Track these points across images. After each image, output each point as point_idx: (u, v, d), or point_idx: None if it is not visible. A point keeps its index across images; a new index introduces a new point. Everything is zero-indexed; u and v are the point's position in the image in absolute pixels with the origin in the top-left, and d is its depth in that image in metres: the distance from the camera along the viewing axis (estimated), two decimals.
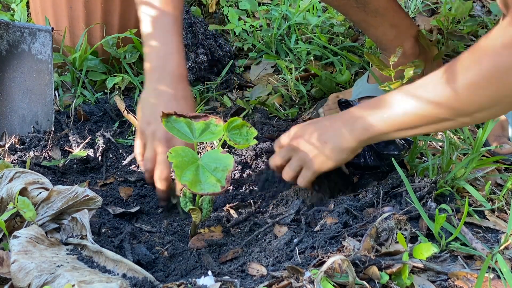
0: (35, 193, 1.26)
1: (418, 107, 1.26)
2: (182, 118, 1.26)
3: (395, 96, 1.31)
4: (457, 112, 1.23)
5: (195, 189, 1.16)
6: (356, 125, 1.35)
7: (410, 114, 1.28)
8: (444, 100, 1.22)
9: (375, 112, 1.32)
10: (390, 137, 1.36)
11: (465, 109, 1.22)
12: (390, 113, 1.30)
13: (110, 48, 2.05)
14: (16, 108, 1.74)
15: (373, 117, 1.32)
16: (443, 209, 1.38)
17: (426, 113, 1.25)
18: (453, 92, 1.20)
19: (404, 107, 1.28)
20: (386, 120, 1.30)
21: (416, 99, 1.26)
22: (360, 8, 1.79)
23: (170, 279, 1.23)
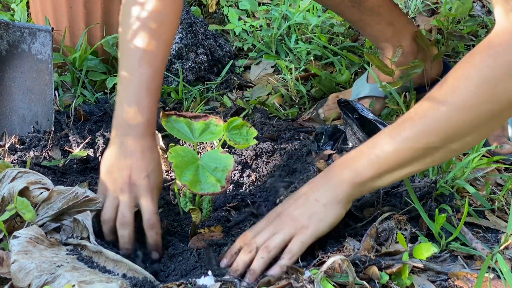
0: (36, 193, 1.26)
1: (408, 140, 1.18)
2: (182, 118, 1.26)
3: (380, 137, 1.22)
4: (448, 138, 1.16)
5: (195, 189, 1.17)
6: (343, 175, 1.24)
7: (401, 150, 1.19)
8: (434, 128, 1.15)
9: (361, 157, 1.23)
10: (384, 181, 1.23)
11: (456, 133, 1.15)
12: (378, 153, 1.21)
13: (110, 48, 2.05)
14: (16, 108, 1.74)
15: (362, 162, 1.22)
16: (443, 209, 1.38)
17: (417, 145, 1.17)
18: (442, 116, 1.14)
19: (392, 144, 1.19)
20: (375, 160, 1.21)
21: (405, 133, 1.18)
22: (355, 8, 1.79)
23: (170, 279, 1.23)
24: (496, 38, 1.11)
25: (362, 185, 1.24)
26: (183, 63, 2.05)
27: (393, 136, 1.20)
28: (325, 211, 1.24)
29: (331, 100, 1.93)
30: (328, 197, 1.24)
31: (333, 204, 1.24)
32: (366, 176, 1.22)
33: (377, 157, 1.21)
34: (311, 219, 1.23)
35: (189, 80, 2.06)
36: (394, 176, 1.23)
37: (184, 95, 1.97)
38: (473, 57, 1.13)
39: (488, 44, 1.12)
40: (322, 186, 1.26)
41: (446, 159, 1.29)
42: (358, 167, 1.23)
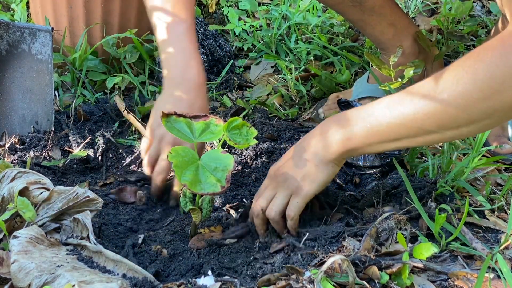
0: (36, 193, 1.26)
1: (404, 117, 1.18)
2: (182, 118, 1.26)
3: (379, 105, 1.23)
4: (444, 125, 1.16)
5: (195, 189, 1.16)
6: (336, 136, 1.26)
7: (395, 125, 1.20)
8: (432, 112, 1.15)
9: (357, 122, 1.24)
10: (373, 149, 1.26)
11: (452, 121, 1.15)
12: (373, 122, 1.22)
13: (110, 48, 2.05)
14: (16, 108, 1.74)
15: (355, 127, 1.24)
16: (443, 209, 1.38)
17: (412, 124, 1.18)
18: (442, 103, 1.14)
19: (388, 116, 1.20)
20: (369, 129, 1.22)
21: (402, 108, 1.19)
22: (356, 7, 1.78)
23: (170, 279, 1.23)
24: (509, 38, 1.11)
25: (353, 150, 1.26)
26: None
27: (391, 108, 1.21)
28: (317, 171, 1.29)
29: (331, 100, 1.93)
30: (319, 157, 1.28)
31: (324, 164, 1.28)
32: (358, 143, 1.24)
33: (371, 126, 1.22)
34: (303, 180, 1.29)
35: None
36: (385, 147, 1.25)
37: None
38: (483, 52, 1.12)
39: (501, 42, 1.11)
40: (314, 145, 1.29)
41: (438, 142, 1.34)
42: (351, 132, 1.24)
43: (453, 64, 1.16)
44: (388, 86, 1.71)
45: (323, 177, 1.29)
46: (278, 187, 1.33)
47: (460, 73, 1.12)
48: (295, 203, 1.31)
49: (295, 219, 1.32)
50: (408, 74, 1.59)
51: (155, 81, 2.09)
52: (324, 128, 1.29)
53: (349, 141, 1.25)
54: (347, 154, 1.28)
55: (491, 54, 1.11)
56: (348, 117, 1.26)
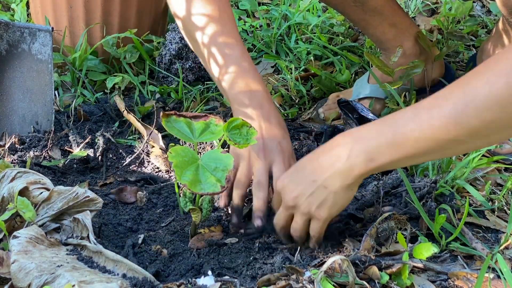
0: (36, 193, 1.26)
1: (433, 130, 1.07)
2: (182, 118, 1.26)
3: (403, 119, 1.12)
4: (476, 134, 1.06)
5: (195, 189, 1.16)
6: (357, 159, 1.14)
7: (424, 139, 1.09)
8: (465, 121, 1.05)
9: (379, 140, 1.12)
10: (397, 165, 1.16)
11: (485, 129, 1.05)
12: (399, 139, 1.11)
13: (110, 48, 2.05)
14: (16, 108, 1.74)
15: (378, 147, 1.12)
16: (443, 209, 1.38)
17: (443, 136, 1.07)
18: (475, 110, 1.03)
19: (416, 130, 1.09)
20: (394, 146, 1.11)
21: (431, 120, 1.07)
22: (358, 7, 1.78)
23: (170, 279, 1.23)
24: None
25: (376, 169, 1.15)
26: (183, 63, 2.05)
27: (417, 121, 1.10)
28: (335, 198, 1.20)
29: (331, 100, 1.93)
30: (338, 184, 1.18)
31: (343, 190, 1.18)
32: (382, 163, 1.13)
33: (397, 143, 1.11)
34: (321, 207, 1.21)
35: (189, 80, 2.06)
36: (410, 162, 1.18)
37: (184, 95, 1.97)
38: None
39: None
40: (330, 168, 1.18)
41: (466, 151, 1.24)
42: (373, 152, 1.13)
43: (479, 68, 1.06)
44: (388, 86, 1.71)
45: (342, 203, 1.22)
46: (293, 210, 1.26)
47: (492, 78, 1.03)
48: (317, 226, 1.25)
49: (319, 238, 1.27)
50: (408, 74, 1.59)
51: (155, 81, 2.09)
52: (339, 150, 1.17)
53: (372, 162, 1.13)
54: (368, 174, 1.18)
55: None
56: (368, 134, 1.15)
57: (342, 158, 1.16)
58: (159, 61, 2.07)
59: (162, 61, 2.06)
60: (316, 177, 1.20)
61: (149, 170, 1.68)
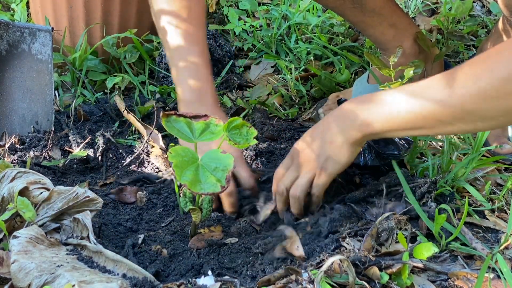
0: (36, 193, 1.26)
1: (423, 107, 1.21)
2: (182, 118, 1.26)
3: (398, 94, 1.26)
4: (460, 118, 1.19)
5: (195, 189, 1.16)
6: (357, 121, 1.30)
7: (414, 114, 1.23)
8: (450, 105, 1.18)
9: (377, 109, 1.29)
10: (393, 135, 1.34)
11: (469, 116, 1.18)
12: (392, 110, 1.26)
13: (110, 48, 2.05)
14: (16, 108, 1.74)
15: (375, 114, 1.28)
16: (443, 209, 1.38)
17: (430, 114, 1.21)
18: (460, 97, 1.16)
19: (408, 106, 1.24)
20: (388, 117, 1.27)
21: (422, 99, 1.22)
22: (357, 9, 1.78)
23: (170, 279, 1.23)
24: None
25: (373, 134, 1.31)
26: None
27: (410, 98, 1.23)
28: (340, 153, 1.34)
29: (331, 100, 1.93)
30: (341, 140, 1.33)
31: (346, 146, 1.33)
32: (377, 129, 1.29)
33: (390, 113, 1.26)
34: (327, 161, 1.35)
35: None
36: (404, 134, 1.35)
37: None
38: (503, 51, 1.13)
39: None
40: (336, 127, 1.34)
41: (456, 133, 1.37)
42: (370, 118, 1.29)
43: (473, 60, 1.18)
44: (388, 86, 1.71)
45: (346, 158, 1.34)
46: (301, 167, 1.39)
47: (478, 71, 1.14)
48: (320, 183, 1.37)
49: (320, 197, 1.40)
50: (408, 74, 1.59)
51: (155, 81, 2.09)
52: (344, 113, 1.33)
53: (369, 127, 1.29)
54: (368, 137, 1.33)
55: (508, 54, 1.12)
56: (371, 101, 1.30)
57: (346, 119, 1.33)
58: (159, 61, 2.07)
59: (162, 61, 2.06)
60: (324, 134, 1.36)
61: (149, 170, 1.68)
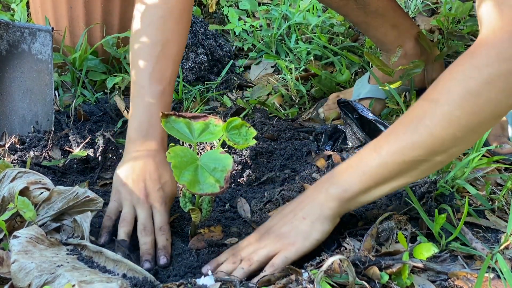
0: (37, 193, 1.26)
1: (392, 154, 1.18)
2: (182, 119, 1.26)
3: (365, 150, 1.23)
4: (433, 151, 1.15)
5: (194, 189, 1.16)
6: (331, 191, 1.23)
7: (385, 164, 1.19)
8: (418, 141, 1.15)
9: (349, 173, 1.22)
10: (371, 196, 1.23)
11: (441, 146, 1.15)
12: (364, 168, 1.20)
13: (110, 48, 2.06)
14: (16, 108, 1.74)
15: (348, 178, 1.22)
16: (443, 209, 1.38)
17: (402, 158, 1.17)
18: (426, 129, 1.14)
19: (378, 158, 1.19)
20: (362, 176, 1.21)
21: (388, 147, 1.18)
22: (360, 10, 1.79)
23: (170, 279, 1.23)
24: (478, 48, 1.11)
25: (350, 200, 1.23)
26: (183, 63, 2.05)
27: (378, 150, 1.20)
28: (312, 229, 1.23)
29: (331, 100, 1.93)
30: (315, 215, 1.23)
31: (320, 221, 1.23)
32: (353, 192, 1.22)
33: (363, 172, 1.21)
34: (297, 236, 1.22)
35: (189, 80, 2.06)
36: (382, 190, 1.22)
37: (184, 95, 1.97)
38: (454, 70, 1.13)
39: (470, 54, 1.12)
40: (309, 202, 1.25)
41: (432, 171, 1.28)
42: (345, 183, 1.22)
43: (428, 90, 1.16)
44: (388, 86, 1.71)
45: (317, 235, 1.23)
46: (266, 242, 1.24)
47: (436, 96, 1.13)
48: (283, 257, 1.21)
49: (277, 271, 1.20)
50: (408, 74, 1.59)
51: None
52: (317, 188, 1.26)
53: (346, 193, 1.22)
54: (344, 208, 1.24)
55: (461, 70, 1.11)
56: (340, 170, 1.25)
57: (319, 193, 1.25)
58: None
59: None
60: (297, 211, 1.25)
61: None
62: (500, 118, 1.16)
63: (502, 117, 1.17)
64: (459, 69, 1.12)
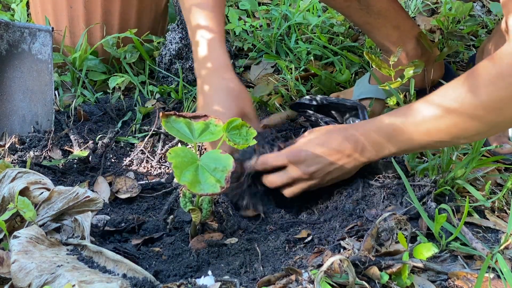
0: (37, 193, 1.26)
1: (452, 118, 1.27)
2: (182, 118, 1.26)
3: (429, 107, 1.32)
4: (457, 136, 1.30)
5: (195, 189, 1.16)
6: (366, 153, 1.40)
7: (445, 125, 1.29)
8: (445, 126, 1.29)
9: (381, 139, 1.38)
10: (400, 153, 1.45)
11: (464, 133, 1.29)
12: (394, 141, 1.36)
13: (110, 48, 2.06)
14: (16, 108, 1.74)
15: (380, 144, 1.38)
16: (443, 209, 1.38)
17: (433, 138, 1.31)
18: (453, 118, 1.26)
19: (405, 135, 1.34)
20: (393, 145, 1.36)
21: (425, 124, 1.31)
22: (363, 10, 1.79)
23: (170, 279, 1.23)
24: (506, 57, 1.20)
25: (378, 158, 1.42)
26: (183, 63, 2.05)
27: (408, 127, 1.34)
28: (345, 175, 1.47)
29: None
30: (352, 166, 1.44)
31: (354, 170, 1.46)
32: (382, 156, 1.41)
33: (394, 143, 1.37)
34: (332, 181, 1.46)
35: (189, 80, 2.06)
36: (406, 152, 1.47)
37: (184, 95, 1.97)
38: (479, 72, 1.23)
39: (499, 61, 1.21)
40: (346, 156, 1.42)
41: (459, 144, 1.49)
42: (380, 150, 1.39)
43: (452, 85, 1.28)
44: (389, 86, 1.71)
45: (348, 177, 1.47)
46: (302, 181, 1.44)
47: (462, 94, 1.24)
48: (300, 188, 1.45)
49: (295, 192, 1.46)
50: (408, 74, 1.59)
51: (155, 81, 2.09)
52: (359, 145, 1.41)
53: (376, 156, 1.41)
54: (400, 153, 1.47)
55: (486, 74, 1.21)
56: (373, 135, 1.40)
57: (357, 148, 1.41)
58: (159, 61, 2.07)
59: (162, 61, 2.06)
60: (334, 160, 1.42)
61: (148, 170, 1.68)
62: None
63: None
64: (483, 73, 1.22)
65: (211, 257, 1.30)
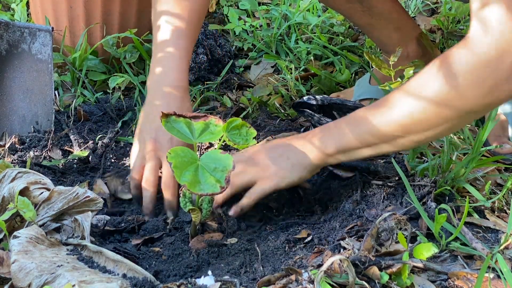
0: (36, 193, 1.26)
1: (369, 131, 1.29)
2: (182, 118, 1.26)
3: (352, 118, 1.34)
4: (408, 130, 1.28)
5: (194, 189, 1.16)
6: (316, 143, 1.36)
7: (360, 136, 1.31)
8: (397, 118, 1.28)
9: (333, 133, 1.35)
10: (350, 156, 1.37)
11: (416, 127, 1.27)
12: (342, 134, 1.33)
13: (110, 48, 2.06)
14: (16, 108, 1.74)
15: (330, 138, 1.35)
16: (443, 209, 1.38)
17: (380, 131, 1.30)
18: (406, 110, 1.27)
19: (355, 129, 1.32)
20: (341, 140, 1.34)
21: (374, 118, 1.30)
22: (365, 12, 1.79)
23: (170, 279, 1.23)
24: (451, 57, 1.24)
25: (329, 156, 1.36)
26: None
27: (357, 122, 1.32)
28: (291, 171, 1.37)
29: None
30: (298, 160, 1.37)
31: (300, 167, 1.37)
32: (332, 151, 1.35)
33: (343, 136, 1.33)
34: (277, 173, 1.36)
35: (189, 80, 2.05)
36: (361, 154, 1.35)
37: None
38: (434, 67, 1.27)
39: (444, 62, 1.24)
40: (297, 147, 1.37)
41: (409, 147, 1.41)
42: (327, 142, 1.35)
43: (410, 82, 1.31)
44: (389, 86, 1.71)
45: (294, 178, 1.38)
46: (250, 168, 1.38)
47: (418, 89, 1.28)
48: (260, 189, 1.37)
49: (251, 203, 1.38)
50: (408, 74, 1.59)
51: None
52: (308, 137, 1.38)
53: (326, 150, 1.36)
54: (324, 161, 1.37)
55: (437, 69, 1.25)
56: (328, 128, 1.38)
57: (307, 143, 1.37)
58: None
59: None
60: (286, 149, 1.38)
61: None
62: None
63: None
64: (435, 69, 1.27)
65: (211, 257, 1.30)
